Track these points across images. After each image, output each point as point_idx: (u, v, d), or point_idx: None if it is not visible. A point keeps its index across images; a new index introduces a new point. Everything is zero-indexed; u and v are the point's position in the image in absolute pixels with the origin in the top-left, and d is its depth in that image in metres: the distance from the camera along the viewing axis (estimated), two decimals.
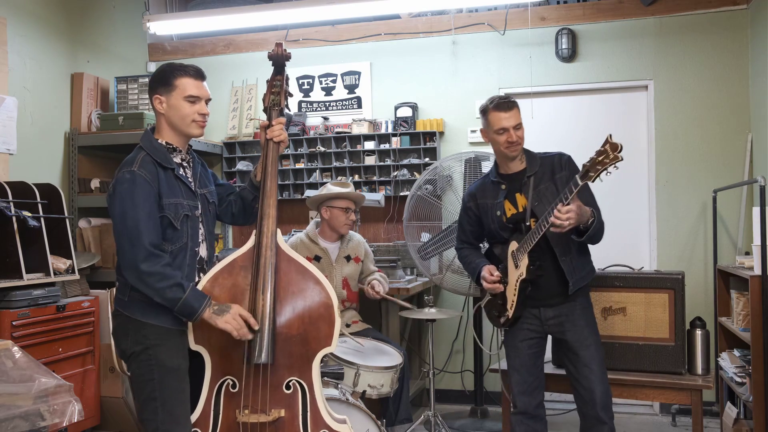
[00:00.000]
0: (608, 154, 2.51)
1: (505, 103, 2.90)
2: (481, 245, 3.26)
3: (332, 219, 3.85)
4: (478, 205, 3.07)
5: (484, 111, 2.95)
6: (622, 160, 2.52)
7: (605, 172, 2.55)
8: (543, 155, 3.00)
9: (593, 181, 2.60)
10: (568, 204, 2.63)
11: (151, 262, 2.27)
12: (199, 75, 2.47)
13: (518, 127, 2.90)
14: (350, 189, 3.90)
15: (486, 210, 3.03)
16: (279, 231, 2.46)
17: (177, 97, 2.43)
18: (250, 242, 2.46)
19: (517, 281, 2.89)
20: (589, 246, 2.97)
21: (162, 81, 2.45)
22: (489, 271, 2.97)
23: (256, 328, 2.34)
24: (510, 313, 2.94)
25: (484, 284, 3.00)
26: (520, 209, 2.94)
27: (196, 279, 2.47)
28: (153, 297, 2.29)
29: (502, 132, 2.89)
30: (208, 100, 2.49)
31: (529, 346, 2.99)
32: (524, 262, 2.84)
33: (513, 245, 2.93)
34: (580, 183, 2.61)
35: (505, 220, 2.96)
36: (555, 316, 2.94)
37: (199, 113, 2.46)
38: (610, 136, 2.55)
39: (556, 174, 2.90)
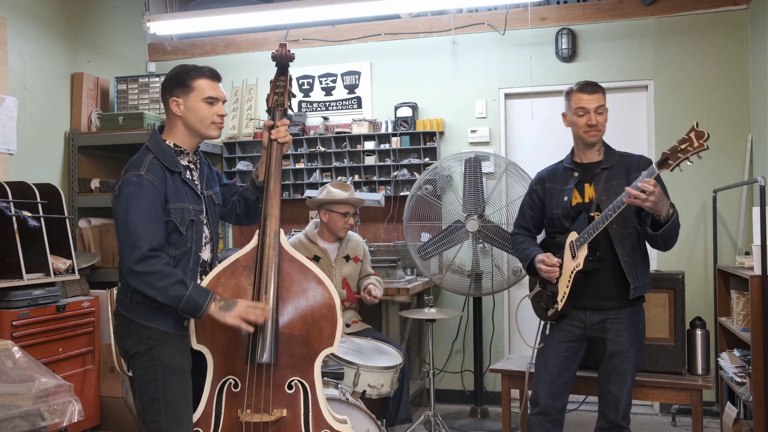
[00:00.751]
0: (692, 142, 2.39)
1: (590, 86, 2.83)
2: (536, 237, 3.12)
3: (331, 222, 3.86)
4: (545, 189, 2.97)
5: (568, 93, 2.87)
6: (707, 149, 2.39)
7: (687, 161, 2.43)
8: (623, 153, 2.91)
9: (671, 170, 2.47)
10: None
11: (149, 263, 2.24)
12: (215, 76, 2.45)
13: (600, 111, 2.80)
14: (350, 193, 3.89)
15: (552, 194, 2.93)
16: (282, 231, 2.46)
17: (195, 99, 2.40)
18: (253, 242, 2.45)
19: (572, 273, 2.78)
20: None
21: (178, 83, 2.42)
22: (548, 255, 2.84)
23: (260, 322, 2.32)
24: (560, 306, 2.83)
25: (542, 267, 2.85)
26: (586, 200, 2.84)
27: (199, 281, 2.45)
28: (156, 297, 2.25)
29: (582, 113, 2.80)
30: (224, 101, 2.49)
31: (567, 349, 2.89)
32: (583, 252, 2.73)
33: (572, 236, 2.81)
34: (657, 171, 2.49)
35: (571, 206, 2.85)
36: (600, 322, 2.84)
37: (218, 114, 2.44)
38: (696, 124, 2.44)
39: (631, 173, 2.76)
